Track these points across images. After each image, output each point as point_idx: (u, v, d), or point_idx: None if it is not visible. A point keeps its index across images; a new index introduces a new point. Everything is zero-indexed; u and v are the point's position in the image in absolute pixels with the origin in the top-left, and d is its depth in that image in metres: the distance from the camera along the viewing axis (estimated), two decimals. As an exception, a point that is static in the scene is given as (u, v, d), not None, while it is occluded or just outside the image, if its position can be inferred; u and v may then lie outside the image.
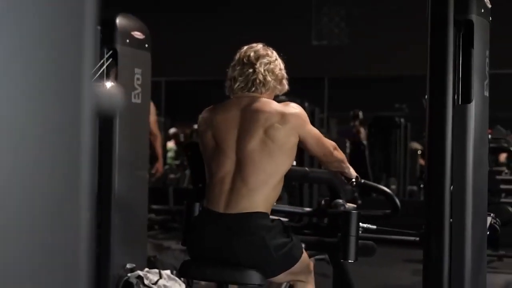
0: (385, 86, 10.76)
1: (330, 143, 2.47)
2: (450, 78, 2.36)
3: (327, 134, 10.02)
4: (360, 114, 9.28)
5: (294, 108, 2.38)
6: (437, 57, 2.38)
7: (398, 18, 9.49)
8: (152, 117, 5.21)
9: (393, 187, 8.89)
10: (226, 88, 2.48)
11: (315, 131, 2.41)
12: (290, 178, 2.98)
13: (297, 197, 6.36)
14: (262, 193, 2.31)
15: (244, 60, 2.44)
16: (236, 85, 2.43)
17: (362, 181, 2.77)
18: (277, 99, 6.85)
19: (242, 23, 10.00)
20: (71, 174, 0.58)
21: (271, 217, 2.37)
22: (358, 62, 9.85)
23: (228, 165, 2.35)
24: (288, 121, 2.34)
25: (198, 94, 10.52)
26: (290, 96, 6.84)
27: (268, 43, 2.58)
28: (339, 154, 2.52)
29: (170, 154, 10.65)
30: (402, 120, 9.30)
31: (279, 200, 4.51)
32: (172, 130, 10.78)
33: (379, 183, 9.30)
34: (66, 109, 0.57)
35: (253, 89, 2.42)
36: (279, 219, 2.39)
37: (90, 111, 0.59)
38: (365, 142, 9.27)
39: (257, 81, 2.41)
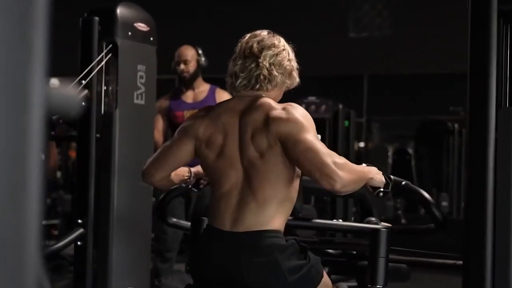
0: (436, 86, 10.69)
1: (334, 160, 2.21)
2: (494, 77, 2.38)
3: (371, 142, 10.01)
4: None
5: (286, 110, 2.33)
6: (479, 53, 2.40)
7: (452, 6, 9.44)
8: None
9: (445, 204, 8.85)
10: (227, 84, 2.50)
11: (306, 137, 2.24)
12: (308, 192, 3.01)
13: (329, 213, 6.38)
14: (272, 208, 2.34)
15: (246, 52, 2.44)
16: (238, 82, 2.44)
17: (403, 182, 2.57)
18: (306, 100, 6.81)
19: (267, 13, 10.05)
20: (17, 181, 0.62)
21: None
22: (404, 57, 9.81)
23: (234, 177, 2.39)
24: (270, 126, 2.31)
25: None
26: (322, 96, 6.88)
27: (297, 36, 2.58)
28: (349, 175, 2.22)
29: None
30: (456, 125, 9.24)
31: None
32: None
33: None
34: (13, 111, 0.62)
35: (257, 86, 2.43)
36: (294, 238, 2.43)
37: (40, 114, 0.64)
38: (411, 151, 9.24)
39: (262, 77, 2.42)
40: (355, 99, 9.95)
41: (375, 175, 2.49)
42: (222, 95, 4.90)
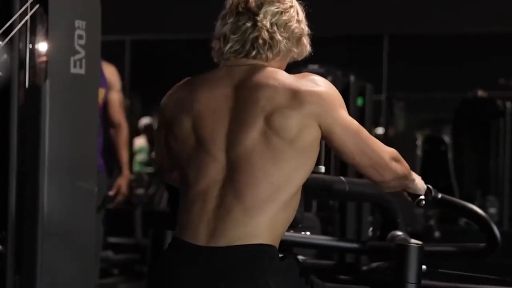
0: (481, 51, 10.72)
1: (384, 150, 2.44)
2: None
3: (393, 126, 9.98)
4: None
5: (315, 83, 2.38)
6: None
7: None
8: (114, 95, 5.23)
9: (492, 210, 8.89)
10: (213, 50, 2.50)
11: (352, 122, 2.39)
12: (313, 194, 3.00)
13: (337, 225, 6.39)
14: (266, 215, 2.33)
15: (240, 7, 2.45)
16: (228, 47, 2.44)
17: (439, 195, 2.75)
18: (306, 69, 6.86)
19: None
20: None
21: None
22: (439, 11, 9.83)
23: (214, 171, 2.38)
24: (304, 103, 2.34)
25: (182, 60, 10.56)
26: (327, 64, 6.86)
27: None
28: (400, 166, 2.48)
29: (139, 158, 10.72)
30: (509, 104, 9.27)
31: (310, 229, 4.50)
32: (145, 121, 10.84)
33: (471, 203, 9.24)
34: None
35: (254, 53, 2.43)
36: (292, 256, 2.43)
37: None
38: (447, 139, 9.25)
39: (260, 41, 2.42)
40: (372, 69, 9.94)
41: (417, 178, 2.64)
42: (110, 69, 5.21)
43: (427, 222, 8.19)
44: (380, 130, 9.92)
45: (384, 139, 9.59)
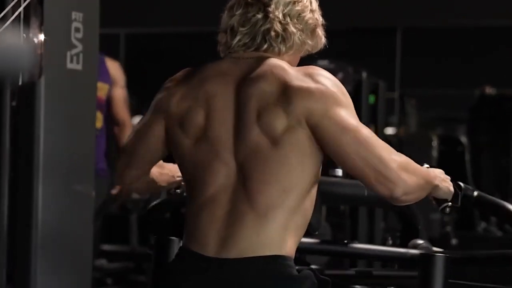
0: (499, 45, 10.72)
1: (392, 158, 2.27)
2: None
3: (406, 125, 9.96)
4: None
5: (313, 78, 2.32)
6: None
7: None
8: (118, 91, 5.39)
9: (514, 217, 8.89)
10: (219, 44, 2.48)
11: (349, 121, 2.28)
12: (330, 199, 2.99)
13: (347, 231, 6.40)
14: (277, 222, 2.31)
15: None
16: (236, 40, 2.42)
17: (475, 193, 2.62)
18: (315, 65, 6.88)
19: None
20: None
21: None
22: (454, 4, 9.84)
23: (224, 174, 2.36)
24: (292, 100, 2.29)
25: (180, 56, 10.56)
26: (337, 60, 6.85)
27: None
28: (414, 178, 2.30)
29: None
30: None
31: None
32: (138, 120, 10.85)
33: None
34: None
35: (266, 46, 2.40)
36: (310, 268, 2.41)
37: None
38: (464, 140, 9.24)
39: (272, 33, 2.39)
40: (385, 64, 9.93)
41: (442, 182, 2.50)
42: (113, 65, 5.40)
43: (444, 228, 8.19)
44: (392, 129, 9.89)
45: (397, 139, 9.59)
